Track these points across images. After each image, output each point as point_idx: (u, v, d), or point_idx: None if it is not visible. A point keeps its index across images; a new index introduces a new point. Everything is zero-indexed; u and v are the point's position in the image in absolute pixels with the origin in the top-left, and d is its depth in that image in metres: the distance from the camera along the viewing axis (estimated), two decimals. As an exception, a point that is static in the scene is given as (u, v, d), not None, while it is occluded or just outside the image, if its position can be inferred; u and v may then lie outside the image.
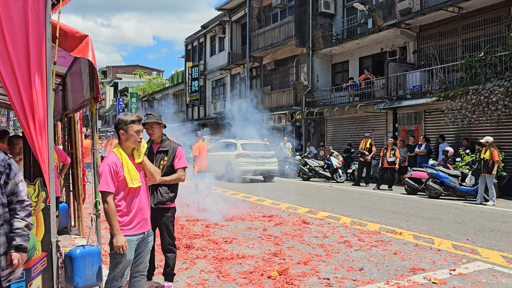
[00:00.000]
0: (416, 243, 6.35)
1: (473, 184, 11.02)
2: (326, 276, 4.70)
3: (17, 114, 2.71)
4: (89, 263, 3.22)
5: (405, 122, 16.65)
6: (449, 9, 14.54)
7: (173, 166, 4.03)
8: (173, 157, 4.05)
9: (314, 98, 20.89)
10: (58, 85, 5.84)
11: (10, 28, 2.61)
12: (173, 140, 4.32)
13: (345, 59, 20.72)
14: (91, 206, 3.99)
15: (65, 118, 6.43)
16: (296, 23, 21.13)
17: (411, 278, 4.66)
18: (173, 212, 4.19)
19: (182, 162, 4.05)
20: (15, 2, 2.65)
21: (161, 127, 4.10)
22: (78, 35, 3.27)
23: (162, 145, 4.10)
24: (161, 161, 4.04)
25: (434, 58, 15.77)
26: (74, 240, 6.14)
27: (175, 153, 4.06)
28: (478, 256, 5.65)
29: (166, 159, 4.04)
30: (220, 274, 4.76)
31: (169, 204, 4.10)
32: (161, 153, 4.06)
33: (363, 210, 9.44)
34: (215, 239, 6.41)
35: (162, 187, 3.98)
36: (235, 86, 29.21)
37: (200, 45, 33.68)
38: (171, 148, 4.08)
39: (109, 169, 3.03)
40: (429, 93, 14.71)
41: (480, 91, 12.58)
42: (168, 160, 4.03)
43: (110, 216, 3.00)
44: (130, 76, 61.02)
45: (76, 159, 6.24)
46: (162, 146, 4.10)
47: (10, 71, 2.63)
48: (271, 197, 11.36)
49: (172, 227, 4.20)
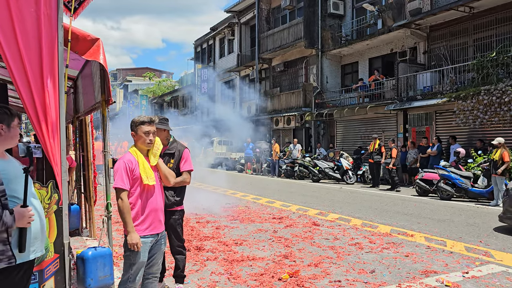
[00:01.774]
0: (428, 245, 6.28)
1: (485, 186, 10.88)
2: (337, 279, 4.67)
3: (30, 117, 2.73)
4: (101, 265, 3.24)
5: (416, 123, 16.51)
6: (460, 8, 14.40)
7: (179, 168, 4.00)
8: (179, 160, 4.02)
9: (324, 99, 20.83)
10: (69, 88, 5.90)
11: (23, 32, 2.64)
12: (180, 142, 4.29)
13: (355, 60, 20.63)
14: (102, 208, 4.01)
15: (76, 120, 6.49)
16: (305, 25, 21.11)
17: (423, 281, 4.61)
18: (180, 214, 4.17)
19: (188, 165, 4.01)
20: (28, 6, 2.68)
21: (163, 131, 4.02)
22: (90, 38, 3.30)
23: (168, 148, 4.10)
24: (167, 163, 4.03)
25: (445, 58, 15.63)
26: (86, 241, 6.18)
27: (181, 155, 4.04)
28: (492, 258, 5.57)
29: (172, 161, 4.03)
30: (230, 276, 4.76)
31: (176, 207, 4.08)
32: (167, 156, 4.06)
33: (373, 212, 9.38)
34: (225, 241, 6.41)
35: (168, 190, 3.95)
36: (244, 87, 29.26)
37: (209, 47, 33.82)
38: (177, 150, 4.06)
39: (124, 166, 3.05)
40: (440, 94, 14.57)
41: (492, 91, 12.44)
42: (174, 162, 4.02)
43: (125, 213, 3.00)
44: (140, 78, 61.40)
45: (88, 161, 6.29)
46: (169, 149, 4.08)
47: (23, 75, 2.66)
48: (281, 199, 11.34)
49: (180, 229, 4.18)
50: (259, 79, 26.21)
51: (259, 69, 26.10)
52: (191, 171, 4.05)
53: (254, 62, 26.06)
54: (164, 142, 4.07)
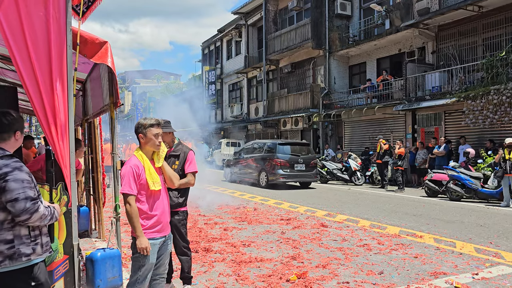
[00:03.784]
0: (437, 246, 6.23)
1: (495, 186, 10.77)
2: (345, 280, 4.65)
3: (39, 120, 2.76)
4: (110, 266, 3.26)
5: (425, 124, 16.40)
6: (468, 8, 14.29)
7: (183, 170, 4.03)
8: (183, 162, 4.05)
9: (331, 100, 20.76)
10: (78, 90, 5.96)
11: (32, 36, 2.68)
12: (185, 144, 4.30)
13: (363, 60, 20.54)
14: (111, 210, 4.04)
15: (85, 123, 6.54)
16: (313, 26, 21.07)
17: (432, 282, 4.58)
18: (184, 215, 4.20)
19: (193, 166, 4.04)
20: (37, 10, 2.71)
21: (168, 134, 4.05)
22: (98, 42, 3.33)
23: (174, 150, 4.13)
24: (172, 165, 4.05)
25: (454, 58, 15.50)
26: (95, 243, 6.22)
27: (186, 157, 4.07)
28: (502, 260, 5.51)
29: (177, 163, 4.06)
30: (238, 277, 4.76)
31: (179, 208, 4.11)
32: (172, 157, 4.08)
33: (382, 213, 9.33)
34: (233, 242, 6.41)
35: (172, 191, 3.98)
36: (252, 89, 29.29)
37: (216, 49, 33.90)
38: (182, 152, 4.09)
39: (131, 171, 3.07)
40: (449, 94, 14.45)
41: (502, 91, 12.31)
42: (179, 164, 4.05)
43: (133, 218, 3.03)
44: (148, 80, 61.78)
45: (96, 163, 6.34)
46: (174, 151, 4.12)
47: (32, 78, 2.69)
48: (289, 200, 11.32)
49: (184, 230, 4.21)
50: (266, 81, 26.21)
51: (267, 71, 26.10)
52: (196, 173, 4.07)
53: (262, 64, 26.06)
54: (170, 144, 4.11)
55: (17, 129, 2.43)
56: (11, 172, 2.25)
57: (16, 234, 2.29)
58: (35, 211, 2.26)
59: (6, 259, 2.24)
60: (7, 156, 2.32)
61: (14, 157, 2.35)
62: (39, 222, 2.32)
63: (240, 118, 29.41)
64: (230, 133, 31.19)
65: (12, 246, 2.26)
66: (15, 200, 2.22)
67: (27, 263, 2.31)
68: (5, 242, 2.25)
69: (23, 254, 2.29)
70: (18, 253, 2.27)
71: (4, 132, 2.38)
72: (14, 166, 2.29)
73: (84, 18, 3.61)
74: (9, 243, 2.26)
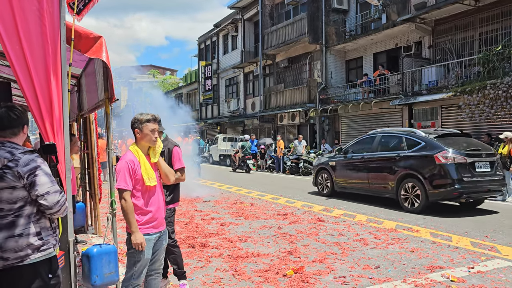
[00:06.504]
0: (434, 240, 6.26)
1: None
2: (342, 274, 4.67)
3: (34, 115, 2.74)
4: (106, 262, 3.25)
5: (421, 118, 16.43)
6: (465, 2, 14.28)
7: (172, 166, 3.99)
8: (169, 158, 4.01)
9: (328, 95, 20.75)
10: (73, 86, 5.91)
11: (26, 30, 2.64)
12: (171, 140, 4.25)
13: (359, 55, 20.53)
14: (107, 205, 4.03)
15: (80, 118, 6.51)
16: (309, 20, 21.01)
17: (428, 276, 4.60)
18: (171, 213, 4.18)
19: (179, 163, 3.99)
20: (30, 4, 2.67)
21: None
22: (92, 36, 3.30)
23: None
24: None
25: (450, 52, 15.52)
26: (91, 239, 6.21)
27: (171, 153, 4.03)
28: (498, 253, 5.54)
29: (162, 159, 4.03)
30: (235, 272, 4.77)
31: (166, 206, 4.09)
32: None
33: (379, 208, 9.35)
34: (230, 238, 6.42)
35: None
36: (248, 84, 29.23)
37: (213, 44, 33.77)
38: (166, 148, 4.05)
39: (127, 166, 3.06)
40: (446, 88, 14.48)
41: (498, 85, 12.34)
42: (164, 160, 4.02)
43: (128, 213, 3.03)
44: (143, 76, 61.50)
45: (92, 159, 6.31)
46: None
47: (26, 73, 2.66)
48: (286, 195, 11.34)
49: (171, 227, 4.18)
50: (263, 75, 26.15)
51: (263, 65, 26.04)
52: (183, 168, 4.02)
53: (258, 59, 26.00)
54: None
55: (25, 123, 2.46)
56: (39, 167, 2.30)
57: (42, 226, 2.35)
58: (63, 203, 2.37)
59: (35, 251, 2.29)
60: (29, 152, 2.35)
61: (35, 152, 2.39)
62: (62, 214, 2.41)
63: (236, 113, 29.38)
64: (227, 128, 31.17)
65: (40, 238, 2.32)
66: (47, 194, 2.28)
67: (49, 255, 2.36)
68: (34, 235, 2.30)
69: (49, 246, 2.36)
70: (46, 244, 2.34)
71: (15, 127, 2.39)
72: (39, 161, 2.34)
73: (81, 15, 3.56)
74: (37, 235, 2.32)
